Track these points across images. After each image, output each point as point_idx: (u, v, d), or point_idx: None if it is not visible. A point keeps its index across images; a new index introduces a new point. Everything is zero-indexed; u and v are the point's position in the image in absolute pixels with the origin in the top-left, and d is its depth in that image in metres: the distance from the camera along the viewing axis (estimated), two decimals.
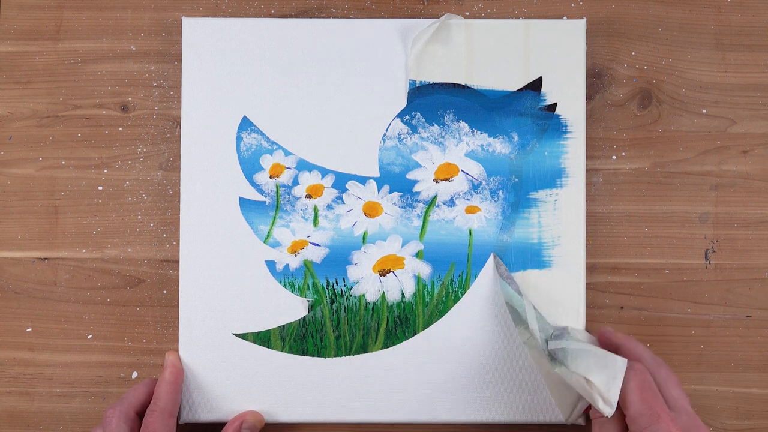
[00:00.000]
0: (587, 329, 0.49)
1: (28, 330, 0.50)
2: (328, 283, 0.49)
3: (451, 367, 0.48)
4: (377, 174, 0.49)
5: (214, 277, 0.48)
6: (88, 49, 0.51)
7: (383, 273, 0.49)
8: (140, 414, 0.46)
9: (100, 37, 0.51)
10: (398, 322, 0.48)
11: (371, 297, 0.48)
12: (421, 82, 0.49)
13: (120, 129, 0.51)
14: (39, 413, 0.50)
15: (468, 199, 0.49)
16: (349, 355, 0.48)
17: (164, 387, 0.46)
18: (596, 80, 0.50)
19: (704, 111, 0.50)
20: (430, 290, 0.48)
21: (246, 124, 0.49)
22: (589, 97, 0.50)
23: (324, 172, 0.49)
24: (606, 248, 0.50)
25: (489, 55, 0.49)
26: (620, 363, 0.40)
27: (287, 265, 0.49)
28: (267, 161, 0.49)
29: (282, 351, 0.48)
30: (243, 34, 0.49)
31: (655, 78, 0.50)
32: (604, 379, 0.40)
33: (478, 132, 0.49)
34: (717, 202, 0.50)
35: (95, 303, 0.50)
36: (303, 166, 0.49)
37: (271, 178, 0.49)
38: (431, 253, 0.49)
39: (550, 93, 0.49)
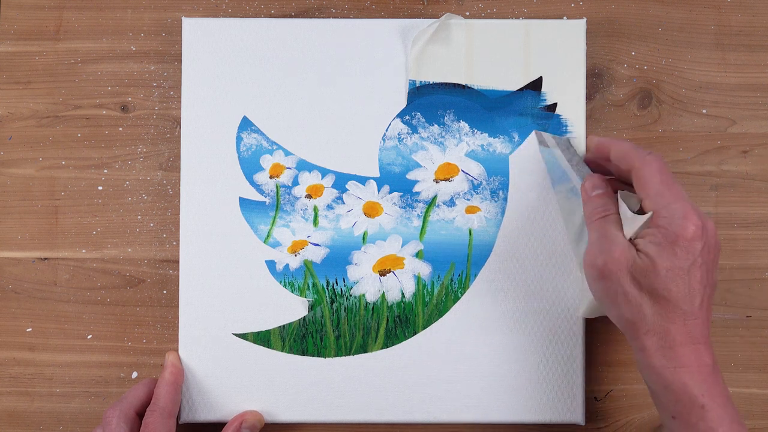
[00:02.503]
0: (587, 332, 0.49)
1: (28, 330, 0.50)
2: (328, 283, 0.49)
3: (451, 367, 0.48)
4: (377, 174, 0.49)
5: (214, 277, 0.48)
6: (88, 49, 0.51)
7: (383, 273, 0.49)
8: (140, 414, 0.46)
9: (100, 37, 0.51)
10: (398, 322, 0.48)
11: (371, 297, 0.48)
12: (421, 82, 0.49)
13: (120, 129, 0.51)
14: (39, 413, 0.50)
15: (468, 199, 0.49)
16: (349, 355, 0.48)
17: (164, 387, 0.46)
18: (596, 80, 0.50)
19: (704, 111, 0.50)
20: (429, 290, 0.48)
21: (246, 124, 0.49)
22: (589, 97, 0.50)
23: (324, 172, 0.49)
24: None
25: (489, 55, 0.49)
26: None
27: (287, 265, 0.49)
28: (267, 161, 0.49)
29: (282, 351, 0.48)
30: (243, 34, 0.49)
31: (655, 78, 0.50)
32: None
33: (479, 132, 0.49)
34: (717, 202, 0.50)
35: (95, 303, 0.50)
36: (303, 166, 0.49)
37: (271, 178, 0.49)
38: (431, 253, 0.49)
39: (550, 93, 0.49)
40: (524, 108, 0.49)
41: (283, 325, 0.48)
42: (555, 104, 0.49)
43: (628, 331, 0.41)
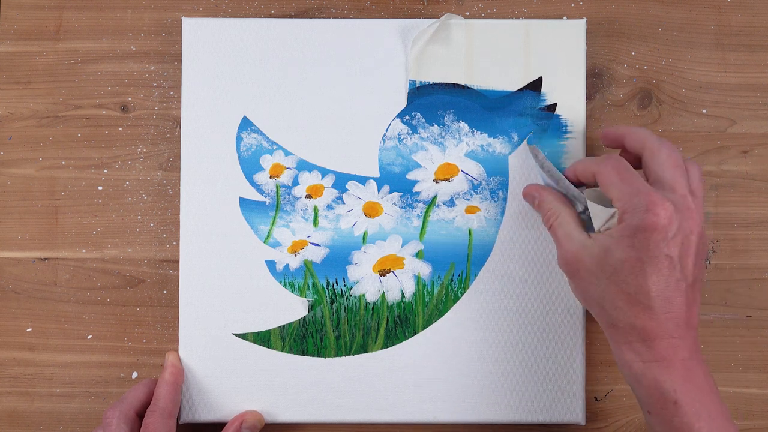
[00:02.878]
0: (587, 332, 0.49)
1: (28, 330, 0.50)
2: (328, 283, 0.49)
3: (451, 367, 0.48)
4: (377, 174, 0.49)
5: (214, 277, 0.48)
6: (88, 49, 0.51)
7: (383, 273, 0.49)
8: (140, 414, 0.46)
9: (100, 37, 0.51)
10: (398, 322, 0.48)
11: (371, 297, 0.48)
12: (421, 82, 0.49)
13: (120, 129, 0.51)
14: (39, 413, 0.50)
15: (468, 199, 0.49)
16: (349, 355, 0.48)
17: (164, 387, 0.46)
18: (596, 80, 0.50)
19: (704, 111, 0.50)
20: (429, 290, 0.48)
21: (246, 124, 0.49)
22: (589, 97, 0.50)
23: (324, 172, 0.49)
24: None
25: (489, 55, 0.49)
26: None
27: (287, 265, 0.49)
28: (267, 161, 0.49)
29: (282, 351, 0.48)
30: (243, 34, 0.49)
31: (655, 78, 0.51)
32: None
33: (478, 132, 0.49)
34: (717, 202, 0.50)
35: (95, 303, 0.50)
36: (303, 166, 0.49)
37: (271, 178, 0.49)
38: (431, 253, 0.49)
39: (550, 93, 0.49)
40: (524, 108, 0.49)
41: (283, 325, 0.48)
42: (555, 104, 0.49)
43: (601, 325, 0.41)
